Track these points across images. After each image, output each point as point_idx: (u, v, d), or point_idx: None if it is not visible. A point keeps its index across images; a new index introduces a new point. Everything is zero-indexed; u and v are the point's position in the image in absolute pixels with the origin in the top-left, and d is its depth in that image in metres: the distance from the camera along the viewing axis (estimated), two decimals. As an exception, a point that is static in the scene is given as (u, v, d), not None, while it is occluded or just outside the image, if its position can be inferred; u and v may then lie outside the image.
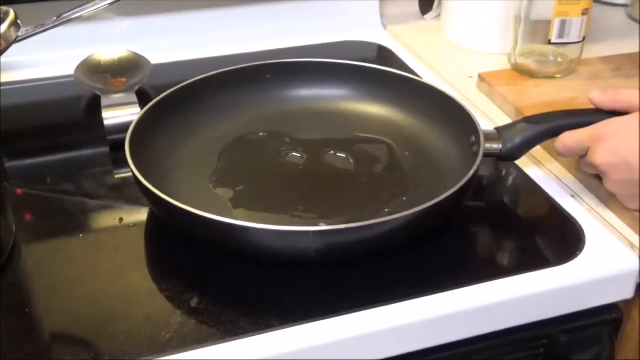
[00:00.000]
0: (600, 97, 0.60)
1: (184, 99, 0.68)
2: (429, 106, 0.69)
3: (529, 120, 0.62)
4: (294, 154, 0.66)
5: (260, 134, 0.69)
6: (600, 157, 0.57)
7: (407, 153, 0.66)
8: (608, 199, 0.61)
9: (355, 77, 0.72)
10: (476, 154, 0.59)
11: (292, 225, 0.52)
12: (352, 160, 0.65)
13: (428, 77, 0.82)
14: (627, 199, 0.59)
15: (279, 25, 0.92)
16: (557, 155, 0.62)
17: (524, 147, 0.62)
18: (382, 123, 0.70)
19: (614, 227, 0.59)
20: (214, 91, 0.70)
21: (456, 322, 0.53)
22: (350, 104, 0.72)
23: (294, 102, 0.72)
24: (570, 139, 0.59)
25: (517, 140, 0.61)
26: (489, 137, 0.61)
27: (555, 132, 0.61)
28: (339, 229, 0.51)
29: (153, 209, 0.59)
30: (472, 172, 0.56)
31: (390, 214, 0.55)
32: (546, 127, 0.61)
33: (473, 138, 0.61)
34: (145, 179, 0.55)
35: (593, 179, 0.62)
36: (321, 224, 0.57)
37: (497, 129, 0.63)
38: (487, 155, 0.60)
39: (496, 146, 0.61)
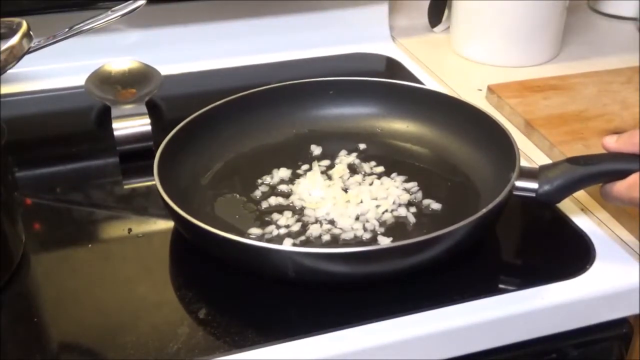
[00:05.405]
0: (616, 143, 0.55)
1: (211, 120, 0.68)
2: (468, 126, 0.67)
3: (572, 160, 0.57)
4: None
5: (291, 151, 0.69)
6: None
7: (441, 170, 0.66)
8: (618, 213, 0.60)
9: (382, 94, 0.72)
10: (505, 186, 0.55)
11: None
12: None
13: (436, 89, 0.82)
14: None
15: (288, 37, 0.92)
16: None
17: (563, 191, 0.56)
18: (416, 137, 0.70)
19: (624, 241, 0.58)
20: (245, 111, 0.70)
21: (464, 335, 0.52)
22: (379, 121, 0.72)
23: (324, 121, 0.72)
24: (610, 195, 0.55)
25: (556, 182, 0.56)
26: (526, 173, 0.57)
27: (599, 177, 0.56)
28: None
29: (183, 233, 0.57)
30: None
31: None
32: (590, 169, 0.55)
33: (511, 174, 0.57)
34: (171, 198, 0.55)
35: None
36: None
37: (541, 167, 0.58)
38: (519, 192, 0.56)
39: (532, 185, 0.56)
